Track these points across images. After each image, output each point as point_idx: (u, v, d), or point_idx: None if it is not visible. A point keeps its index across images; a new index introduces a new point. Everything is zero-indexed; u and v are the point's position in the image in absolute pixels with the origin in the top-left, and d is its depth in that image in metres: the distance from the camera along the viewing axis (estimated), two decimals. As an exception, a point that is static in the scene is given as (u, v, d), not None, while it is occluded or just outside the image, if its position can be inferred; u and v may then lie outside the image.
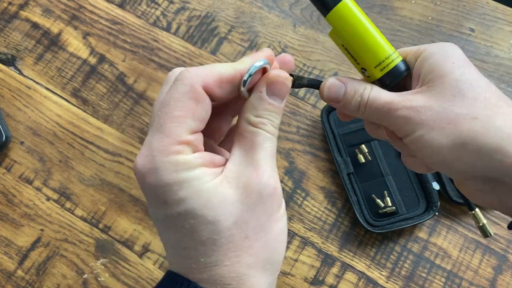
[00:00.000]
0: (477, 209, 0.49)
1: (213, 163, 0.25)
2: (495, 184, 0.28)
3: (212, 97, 0.25)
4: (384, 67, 0.31)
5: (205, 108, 0.25)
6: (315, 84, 0.33)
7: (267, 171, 0.25)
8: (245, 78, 0.26)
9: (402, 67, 0.31)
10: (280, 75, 0.26)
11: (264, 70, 0.27)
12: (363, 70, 0.32)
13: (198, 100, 0.24)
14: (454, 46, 0.30)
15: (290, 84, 0.27)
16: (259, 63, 0.26)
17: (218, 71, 0.25)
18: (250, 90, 0.27)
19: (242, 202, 0.24)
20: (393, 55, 0.31)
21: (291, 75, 0.29)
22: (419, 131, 0.29)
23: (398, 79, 0.31)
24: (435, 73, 0.29)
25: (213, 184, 0.24)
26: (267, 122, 0.26)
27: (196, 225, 0.23)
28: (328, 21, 0.31)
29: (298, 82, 0.31)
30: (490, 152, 0.27)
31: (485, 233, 0.48)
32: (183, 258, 0.25)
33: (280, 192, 0.26)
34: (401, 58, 0.32)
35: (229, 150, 0.27)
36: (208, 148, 0.27)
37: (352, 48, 0.32)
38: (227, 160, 0.26)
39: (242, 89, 0.26)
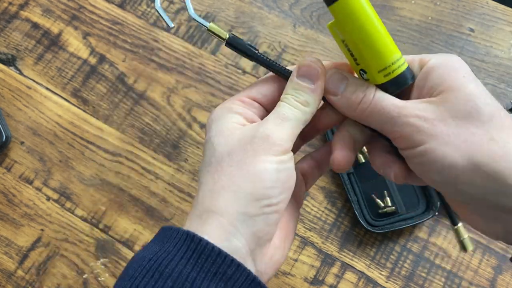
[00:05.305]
0: (460, 224, 0.51)
1: (250, 119, 0.31)
2: (502, 213, 0.27)
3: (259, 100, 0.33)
4: (389, 73, 0.28)
5: (256, 91, 0.32)
6: (265, 63, 0.31)
7: (268, 124, 0.29)
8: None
9: (408, 75, 0.28)
10: (306, 58, 0.31)
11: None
12: (362, 72, 0.29)
13: (251, 87, 0.33)
14: (460, 59, 0.29)
15: (317, 66, 0.30)
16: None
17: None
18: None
19: (239, 141, 0.29)
20: (400, 61, 0.28)
21: (237, 39, 0.32)
22: (430, 143, 0.27)
23: (402, 88, 0.29)
24: (445, 85, 0.27)
25: (232, 125, 0.30)
26: (289, 97, 0.30)
27: (207, 147, 0.30)
28: (331, 12, 0.27)
29: (235, 44, 0.32)
30: (507, 177, 0.25)
31: (464, 247, 0.50)
32: (200, 181, 0.31)
33: (278, 142, 0.29)
34: (407, 65, 0.28)
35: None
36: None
37: (355, 47, 0.28)
38: None
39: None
